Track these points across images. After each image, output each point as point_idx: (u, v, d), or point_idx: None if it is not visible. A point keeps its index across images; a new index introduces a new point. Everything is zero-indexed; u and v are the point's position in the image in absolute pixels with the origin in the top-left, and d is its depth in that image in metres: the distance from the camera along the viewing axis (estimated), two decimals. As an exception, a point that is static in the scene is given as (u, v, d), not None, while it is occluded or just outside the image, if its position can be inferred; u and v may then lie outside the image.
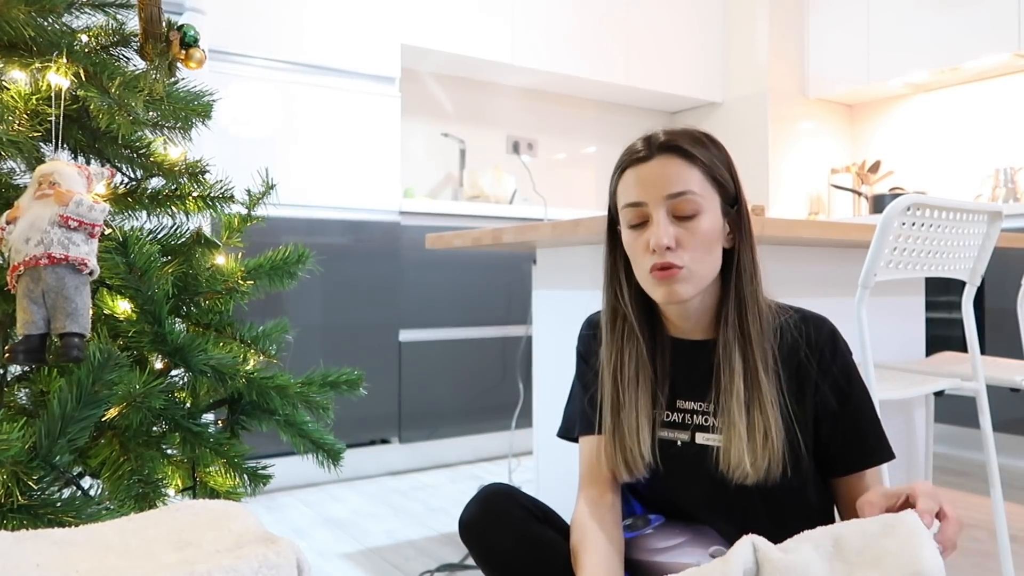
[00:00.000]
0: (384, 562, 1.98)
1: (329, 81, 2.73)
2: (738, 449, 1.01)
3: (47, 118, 1.00)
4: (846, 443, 1.07)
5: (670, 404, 1.11)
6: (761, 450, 1.01)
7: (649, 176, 1.03)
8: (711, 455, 1.05)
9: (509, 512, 1.05)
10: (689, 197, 1.01)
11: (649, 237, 1.02)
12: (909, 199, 1.47)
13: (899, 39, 3.69)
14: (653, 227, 1.02)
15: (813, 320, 1.10)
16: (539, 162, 3.95)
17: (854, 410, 1.07)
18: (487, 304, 3.05)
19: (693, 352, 1.11)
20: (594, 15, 3.71)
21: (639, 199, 1.03)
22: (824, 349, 1.07)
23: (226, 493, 1.17)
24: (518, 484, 2.64)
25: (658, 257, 1.01)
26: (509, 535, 1.04)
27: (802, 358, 1.06)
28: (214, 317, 1.21)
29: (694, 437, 1.09)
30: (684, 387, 1.11)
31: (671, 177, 1.02)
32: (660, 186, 1.02)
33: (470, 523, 1.07)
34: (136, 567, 0.65)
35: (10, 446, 0.82)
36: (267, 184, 1.29)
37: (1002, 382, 1.83)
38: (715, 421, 1.06)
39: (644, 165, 1.04)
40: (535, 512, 1.07)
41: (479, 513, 1.06)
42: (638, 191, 1.03)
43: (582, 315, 1.30)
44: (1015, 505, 2.43)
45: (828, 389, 1.06)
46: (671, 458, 1.09)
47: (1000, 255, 2.82)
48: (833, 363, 1.07)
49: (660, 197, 1.02)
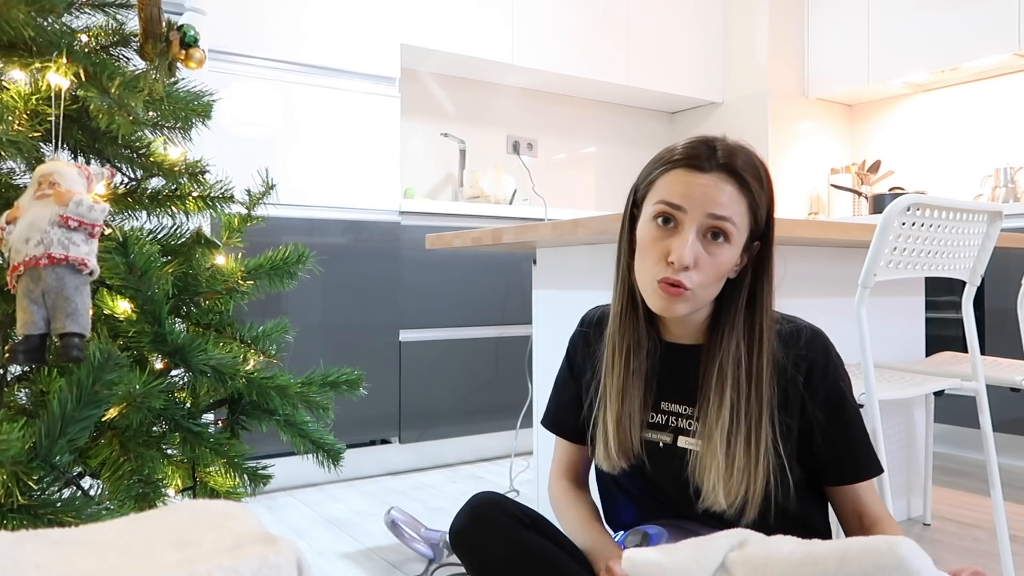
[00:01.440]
0: (384, 562, 1.98)
1: (329, 81, 2.73)
2: (712, 478, 1.01)
3: (47, 118, 1.00)
4: (836, 457, 1.07)
5: (655, 405, 1.11)
6: (740, 479, 1.00)
7: (700, 187, 1.00)
8: (690, 459, 1.06)
9: (497, 520, 1.05)
10: (726, 224, 1.00)
11: (671, 247, 1.00)
12: (909, 199, 1.47)
13: (899, 39, 3.69)
14: (679, 239, 1.00)
15: (806, 332, 1.09)
16: (539, 162, 3.95)
17: (845, 426, 1.07)
18: (487, 304, 3.05)
19: (683, 356, 1.11)
20: (594, 15, 3.71)
21: (681, 203, 1.01)
22: (816, 363, 1.07)
23: (226, 493, 1.17)
24: (519, 484, 2.64)
25: (671, 271, 1.00)
26: (498, 543, 1.03)
27: (794, 371, 1.06)
28: (214, 317, 1.21)
29: (676, 440, 1.09)
30: (670, 389, 1.11)
31: (719, 199, 1.00)
32: (706, 202, 1.00)
33: (459, 533, 1.07)
34: (136, 567, 0.65)
35: (10, 446, 0.82)
36: (267, 184, 1.29)
37: (1002, 382, 1.83)
38: (698, 426, 1.06)
39: (699, 174, 1.01)
40: (523, 519, 1.06)
41: (467, 523, 1.06)
42: (683, 196, 1.01)
43: (582, 315, 1.30)
44: (1015, 505, 2.43)
45: (820, 403, 1.06)
46: (653, 459, 1.09)
47: (1000, 255, 2.82)
48: (825, 378, 1.07)
49: (701, 212, 1.00)
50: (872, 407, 1.45)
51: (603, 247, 1.88)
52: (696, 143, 1.04)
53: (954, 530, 2.19)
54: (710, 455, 1.02)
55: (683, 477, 1.06)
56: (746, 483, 1.00)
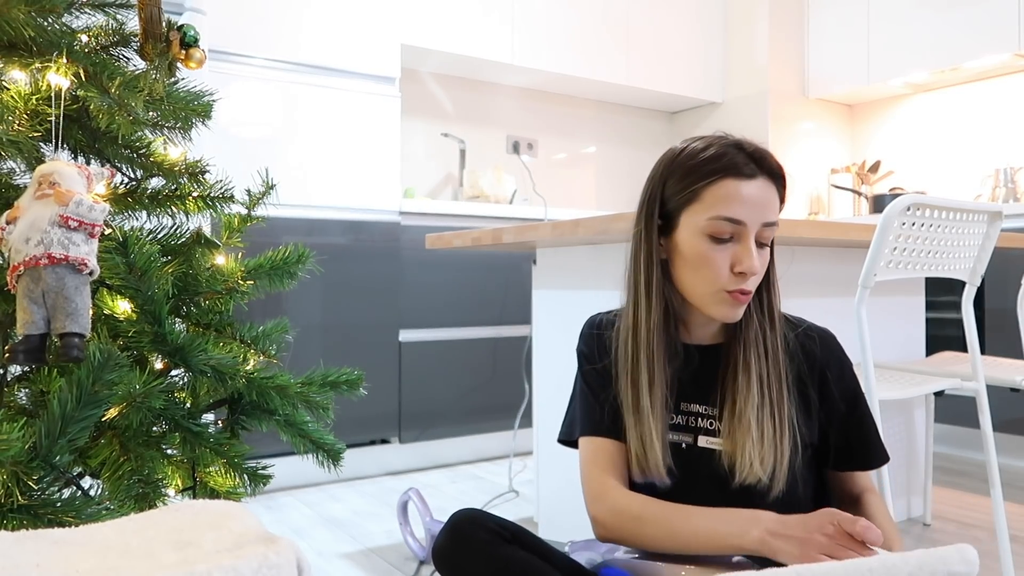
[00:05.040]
0: (384, 562, 1.98)
1: (329, 81, 2.73)
2: (748, 449, 1.03)
3: (47, 118, 1.00)
4: (850, 449, 1.13)
5: (675, 407, 1.12)
6: (770, 449, 1.03)
7: (754, 197, 1.02)
8: (714, 458, 1.07)
9: (475, 538, 1.04)
10: (774, 229, 1.04)
11: (738, 258, 1.02)
12: (909, 199, 1.47)
13: (899, 39, 3.69)
14: (744, 250, 1.02)
15: (819, 334, 1.14)
16: (539, 162, 3.95)
17: (859, 420, 1.13)
18: (487, 304, 3.05)
19: (702, 356, 1.12)
20: (594, 15, 3.71)
21: (741, 218, 1.02)
22: (831, 364, 1.12)
23: (226, 493, 1.17)
24: (518, 484, 2.64)
25: (742, 282, 1.03)
26: (478, 560, 1.02)
27: (809, 372, 1.11)
28: (214, 317, 1.21)
29: (696, 440, 1.10)
30: (690, 389, 1.12)
31: (770, 204, 1.03)
32: (761, 211, 1.02)
33: (440, 552, 1.06)
34: (136, 567, 0.65)
35: (10, 446, 0.82)
36: (267, 184, 1.29)
37: (1002, 382, 1.83)
38: (719, 425, 1.08)
39: (749, 182, 1.02)
40: (503, 534, 1.05)
41: (447, 542, 1.05)
42: (742, 209, 1.02)
43: (582, 315, 1.29)
44: (1015, 505, 2.43)
45: (834, 402, 1.11)
46: (677, 460, 1.10)
47: (1000, 255, 2.82)
48: (841, 379, 1.13)
49: (759, 223, 1.02)
50: (872, 407, 1.45)
51: (603, 247, 1.88)
52: (724, 148, 1.05)
53: (954, 530, 2.19)
54: (742, 429, 1.04)
55: (702, 476, 1.07)
56: (777, 451, 1.04)
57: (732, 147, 1.05)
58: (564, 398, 1.28)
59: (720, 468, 1.06)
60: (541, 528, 2.14)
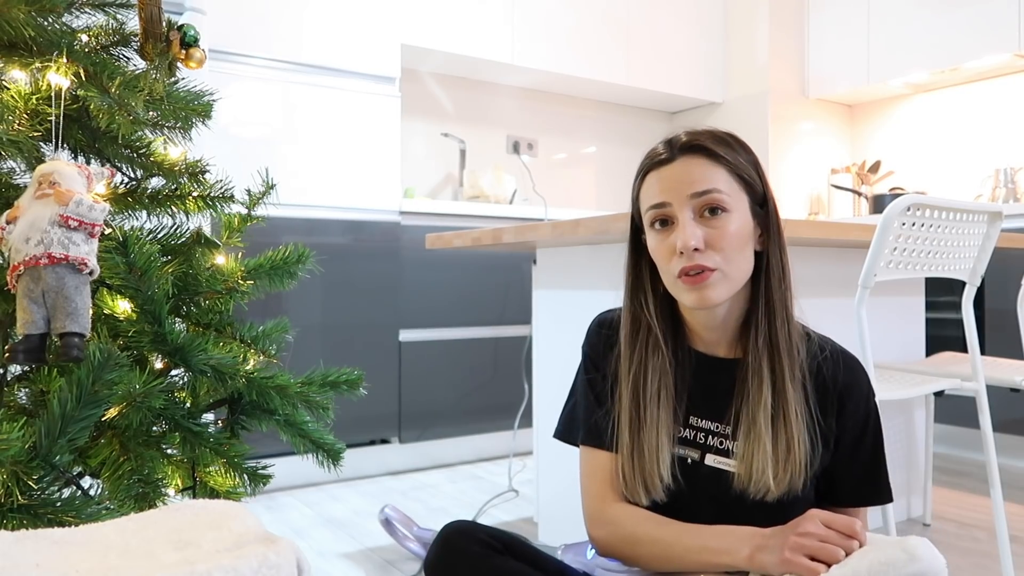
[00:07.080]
0: (384, 562, 1.98)
1: (329, 81, 2.73)
2: (763, 472, 1.00)
3: (47, 118, 1.00)
4: (858, 483, 1.08)
5: (684, 420, 1.09)
6: (784, 464, 1.00)
7: (672, 176, 1.01)
8: (722, 478, 1.04)
9: (467, 551, 1.03)
10: (714, 195, 0.99)
11: (675, 240, 0.99)
12: (909, 199, 1.47)
13: (899, 39, 3.69)
14: (679, 228, 0.99)
15: (845, 361, 1.09)
16: (539, 162, 3.95)
17: (872, 457, 1.08)
18: (487, 304, 3.05)
19: (716, 369, 1.09)
20: (594, 15, 3.71)
21: (662, 200, 1.01)
22: (852, 393, 1.07)
23: (226, 493, 1.17)
24: (517, 484, 2.64)
25: (686, 260, 0.99)
26: (471, 574, 1.02)
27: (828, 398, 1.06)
28: (214, 317, 1.21)
29: (704, 457, 1.07)
30: (701, 404, 1.09)
31: (695, 176, 1.00)
32: (684, 186, 1.00)
33: (432, 566, 1.04)
34: (136, 567, 0.65)
35: (10, 446, 0.82)
36: (267, 184, 1.29)
37: (1002, 382, 1.83)
38: (730, 444, 1.05)
39: (667, 167, 1.02)
40: (494, 545, 1.04)
41: (439, 556, 1.04)
42: (661, 192, 1.01)
43: (582, 315, 1.29)
44: (1015, 505, 2.43)
45: (852, 431, 1.07)
46: (681, 476, 1.07)
47: (1000, 255, 2.82)
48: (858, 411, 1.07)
49: (684, 197, 1.00)
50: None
51: (603, 247, 1.88)
52: (655, 145, 1.06)
53: (954, 530, 2.19)
54: (756, 440, 1.01)
55: (708, 494, 1.05)
56: (792, 477, 1.01)
57: (661, 143, 1.05)
58: (564, 398, 1.27)
59: (729, 488, 1.03)
60: (541, 528, 2.14)
